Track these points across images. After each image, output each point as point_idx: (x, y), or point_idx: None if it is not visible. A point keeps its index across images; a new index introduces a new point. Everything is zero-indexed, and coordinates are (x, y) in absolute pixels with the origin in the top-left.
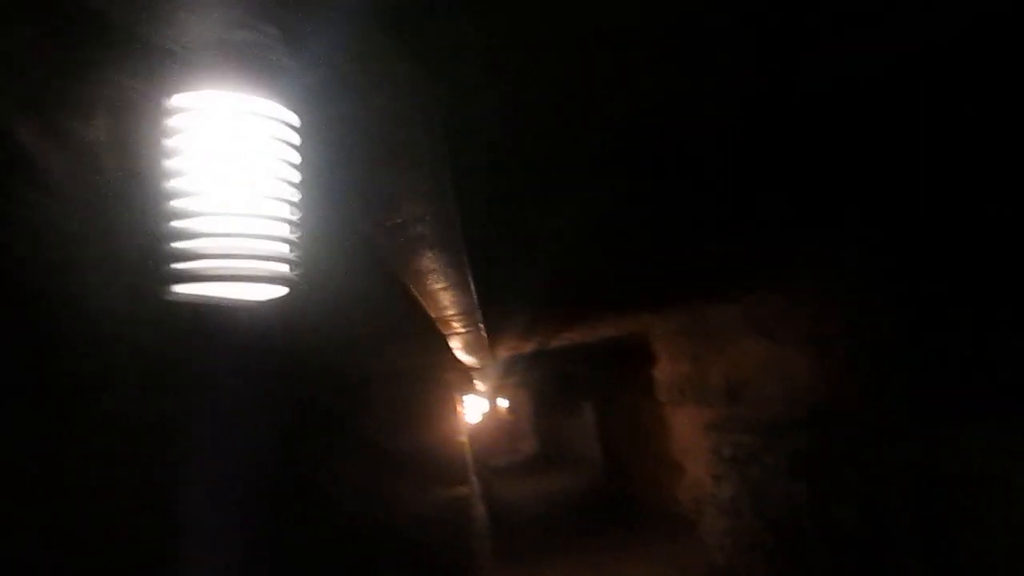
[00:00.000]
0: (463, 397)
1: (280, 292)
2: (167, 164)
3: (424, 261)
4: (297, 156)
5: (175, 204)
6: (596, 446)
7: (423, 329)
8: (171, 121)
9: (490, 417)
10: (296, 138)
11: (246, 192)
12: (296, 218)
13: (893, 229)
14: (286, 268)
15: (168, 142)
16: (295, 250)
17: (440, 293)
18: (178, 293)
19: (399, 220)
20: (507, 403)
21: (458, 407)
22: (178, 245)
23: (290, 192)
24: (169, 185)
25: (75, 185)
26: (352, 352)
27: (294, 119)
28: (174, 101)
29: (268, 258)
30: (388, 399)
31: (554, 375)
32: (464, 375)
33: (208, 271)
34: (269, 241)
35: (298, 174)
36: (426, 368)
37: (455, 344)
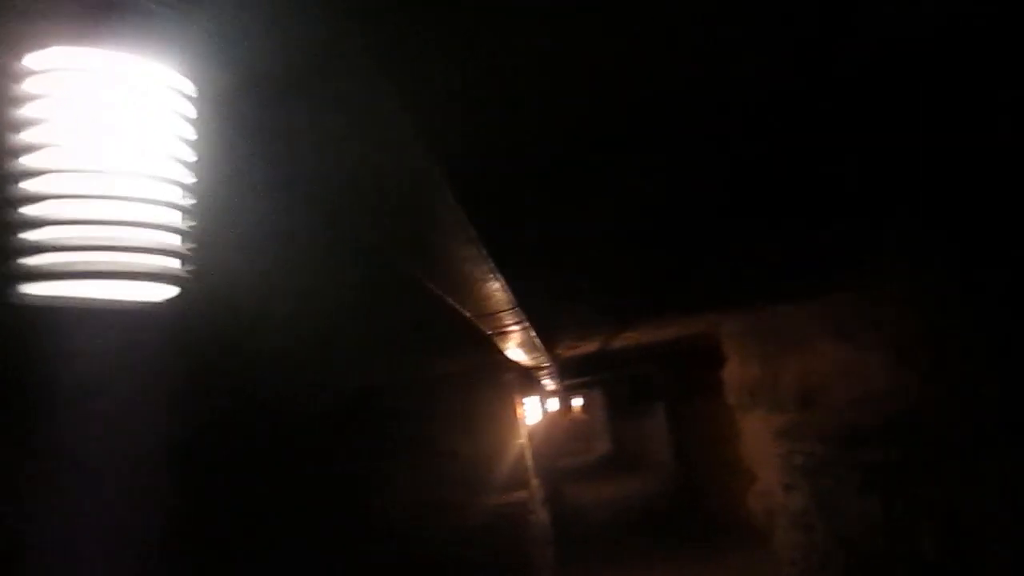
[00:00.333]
0: (521, 398)
1: (169, 292)
2: (19, 137)
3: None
4: (192, 131)
5: (27, 186)
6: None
7: (452, 330)
8: (26, 85)
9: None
10: (191, 110)
11: (120, 172)
12: (190, 204)
13: (987, 228)
14: (176, 263)
15: (21, 110)
16: (189, 242)
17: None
18: (31, 294)
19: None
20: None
21: (516, 408)
22: (31, 235)
23: (182, 173)
24: (20, 163)
25: None
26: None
27: (189, 87)
28: (28, 61)
29: (150, 251)
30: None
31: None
32: (520, 376)
33: (69, 266)
34: (151, 230)
35: (193, 153)
36: (468, 370)
37: (505, 344)
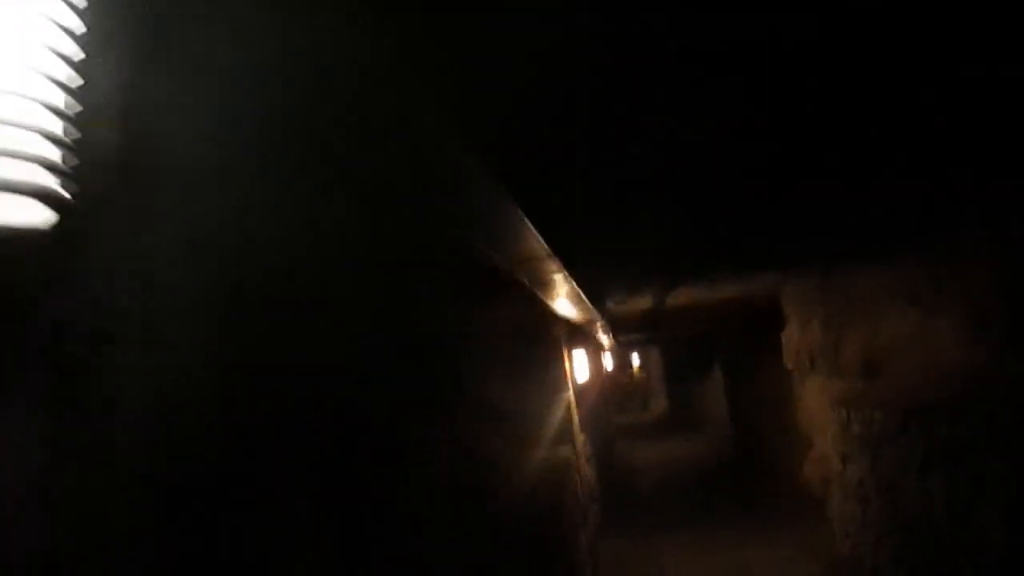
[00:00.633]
0: (571, 354)
1: (44, 214)
2: None
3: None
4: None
5: None
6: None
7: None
8: None
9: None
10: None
11: None
12: (73, 113)
13: None
14: (52, 180)
15: None
16: (72, 158)
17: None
18: None
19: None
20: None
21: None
22: None
23: (63, 73)
24: None
25: None
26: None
27: None
28: None
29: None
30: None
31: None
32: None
33: None
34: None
35: (78, 49)
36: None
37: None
